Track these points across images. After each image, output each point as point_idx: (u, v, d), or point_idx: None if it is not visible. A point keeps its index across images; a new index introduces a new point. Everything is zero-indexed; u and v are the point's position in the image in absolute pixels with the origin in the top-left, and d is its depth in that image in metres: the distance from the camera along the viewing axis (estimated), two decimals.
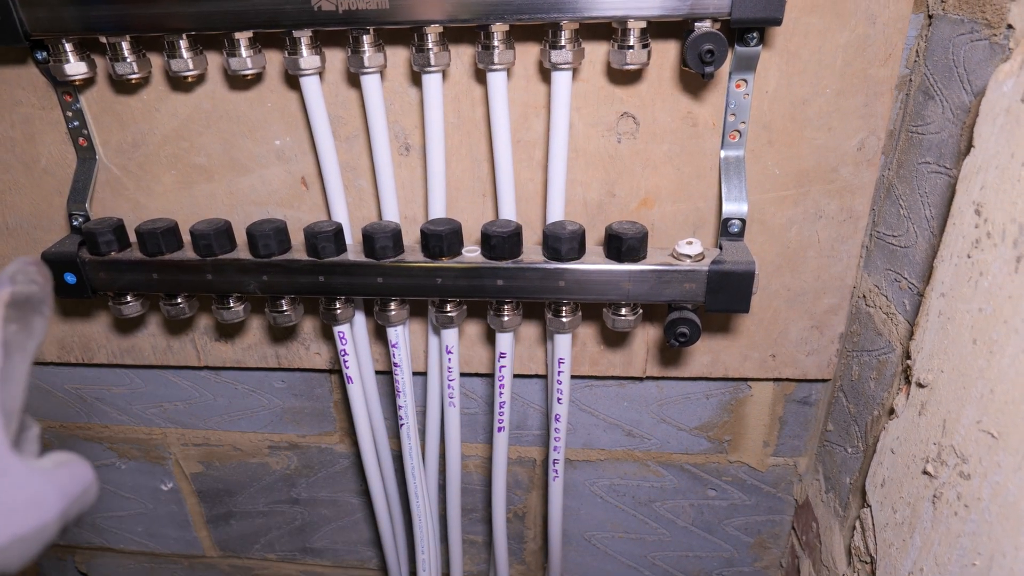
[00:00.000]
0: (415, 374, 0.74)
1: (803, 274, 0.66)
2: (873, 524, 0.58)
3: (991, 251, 0.43)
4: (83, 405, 0.89)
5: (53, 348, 0.81)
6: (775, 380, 0.74)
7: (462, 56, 0.59)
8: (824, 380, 0.73)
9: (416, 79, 0.60)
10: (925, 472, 0.50)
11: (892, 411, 0.55)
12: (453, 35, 0.57)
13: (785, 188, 0.62)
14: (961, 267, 0.46)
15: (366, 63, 0.55)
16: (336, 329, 0.66)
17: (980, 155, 0.44)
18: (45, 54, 0.61)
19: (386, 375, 0.78)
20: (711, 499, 0.83)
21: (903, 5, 0.54)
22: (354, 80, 0.60)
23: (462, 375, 0.76)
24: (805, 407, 0.75)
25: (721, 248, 0.59)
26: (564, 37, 0.53)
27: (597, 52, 0.57)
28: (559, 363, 0.65)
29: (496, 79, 0.55)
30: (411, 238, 0.65)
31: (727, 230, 0.60)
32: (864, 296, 0.65)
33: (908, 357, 0.52)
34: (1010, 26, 0.45)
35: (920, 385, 0.50)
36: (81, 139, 0.67)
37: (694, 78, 0.58)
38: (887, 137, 0.60)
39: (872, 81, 0.57)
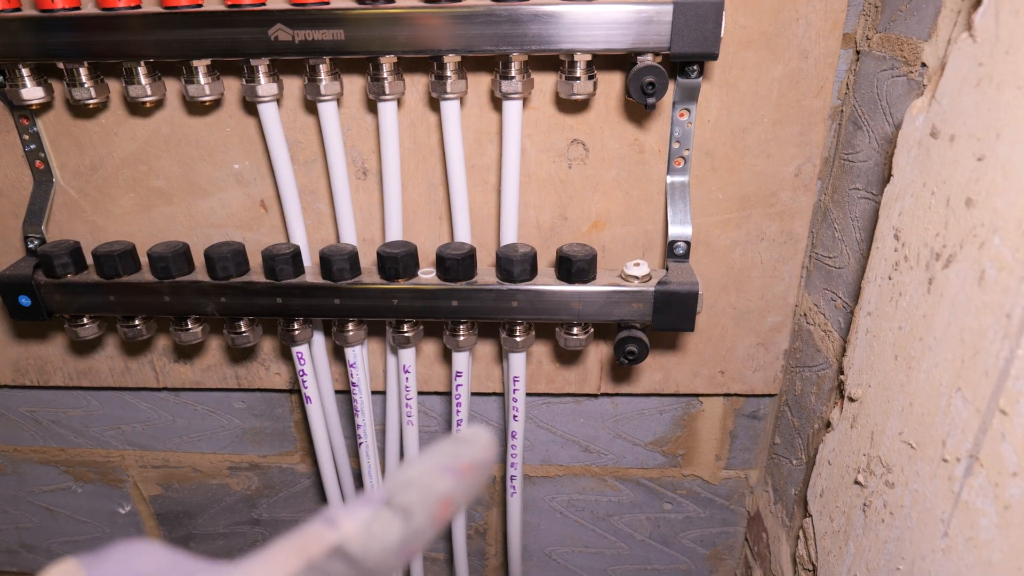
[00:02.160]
0: (374, 393, 0.75)
1: (748, 293, 0.69)
2: (814, 533, 0.60)
3: (908, 273, 0.46)
4: (38, 428, 0.88)
5: (7, 371, 0.80)
6: (724, 395, 0.76)
7: (417, 84, 0.61)
8: (771, 395, 0.76)
9: (372, 106, 0.62)
10: (856, 482, 0.52)
11: (829, 424, 0.58)
12: (408, 64, 0.59)
13: (728, 212, 0.64)
14: (884, 288, 0.49)
15: (322, 91, 0.57)
16: (294, 350, 0.67)
17: (898, 183, 0.47)
18: (1, 78, 0.61)
19: (345, 395, 0.79)
20: (667, 512, 0.85)
21: (832, 42, 0.57)
22: (311, 107, 0.62)
23: (420, 394, 0.77)
24: (754, 421, 0.78)
25: (667, 269, 0.61)
26: (514, 68, 0.55)
27: (547, 82, 0.60)
28: (514, 381, 0.67)
29: (449, 107, 0.57)
30: (368, 260, 0.66)
31: (673, 252, 0.62)
32: (805, 314, 0.68)
33: (842, 372, 0.55)
34: (924, 64, 0.49)
35: (851, 399, 0.53)
36: (38, 162, 0.67)
37: (639, 108, 0.61)
38: (822, 164, 0.63)
39: (806, 111, 0.60)
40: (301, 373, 0.68)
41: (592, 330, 0.64)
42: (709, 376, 0.73)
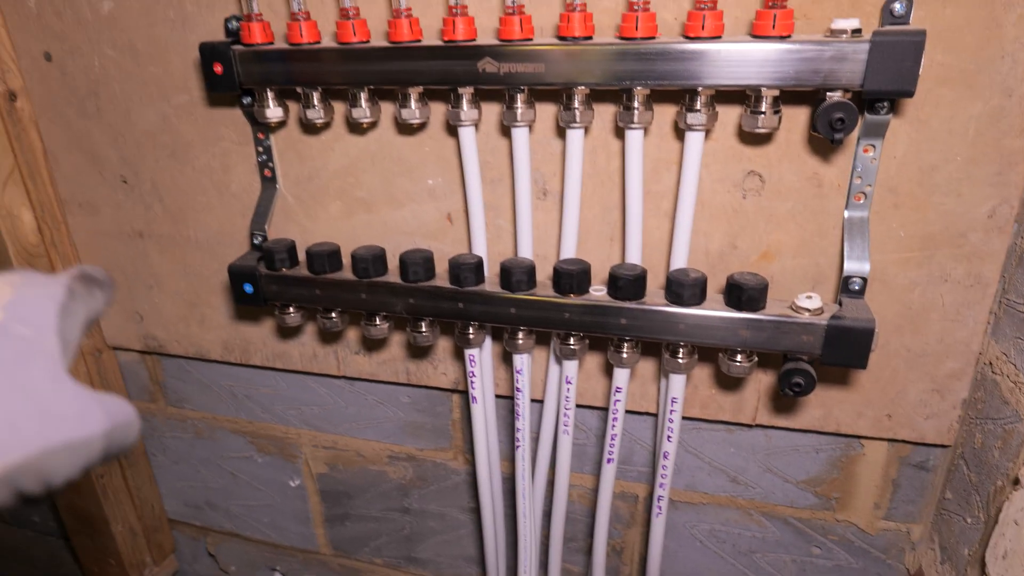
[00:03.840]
0: (532, 401, 0.80)
1: (925, 336, 0.66)
2: None
3: None
4: (233, 401, 1.01)
5: (218, 348, 0.93)
6: (890, 441, 0.73)
7: (602, 113, 0.65)
8: (943, 446, 0.72)
9: (560, 132, 0.67)
10: None
11: (1017, 481, 0.55)
12: (596, 94, 0.64)
13: (909, 250, 0.63)
14: None
15: (519, 118, 0.63)
16: (467, 352, 0.73)
17: None
18: (250, 99, 0.73)
19: (504, 400, 0.84)
20: (815, 557, 0.82)
21: None
22: (505, 131, 0.68)
23: (577, 407, 0.81)
24: (922, 472, 0.74)
25: (841, 304, 0.61)
26: (700, 102, 0.58)
27: (728, 114, 0.62)
28: (672, 402, 0.68)
29: (634, 136, 0.61)
30: (543, 274, 0.71)
31: (847, 287, 0.62)
32: (991, 363, 0.64)
33: None
34: None
35: None
36: (266, 170, 0.79)
37: (822, 141, 0.61)
38: (1020, 206, 0.60)
39: (1006, 151, 0.58)
40: (471, 374, 0.74)
41: (756, 358, 0.64)
42: (874, 418, 0.71)
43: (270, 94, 0.70)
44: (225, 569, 1.21)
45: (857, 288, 0.61)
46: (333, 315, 0.75)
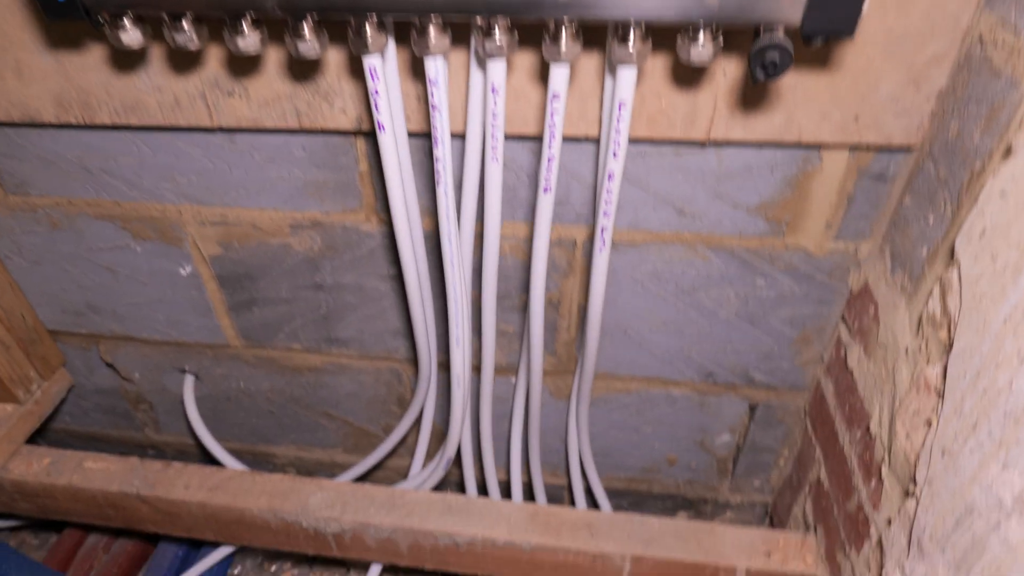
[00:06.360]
0: (452, 137, 0.67)
1: (910, 13, 0.56)
2: (960, 281, 0.53)
3: None
4: (89, 178, 0.83)
5: (49, 106, 0.74)
6: (852, 148, 0.66)
7: None
8: (907, 150, 0.65)
9: None
10: None
11: (1008, 151, 0.49)
12: None
13: None
14: None
15: None
16: (367, 62, 0.58)
17: None
18: None
19: (420, 139, 0.71)
20: (759, 289, 0.79)
21: None
22: None
23: (505, 138, 0.69)
24: (879, 184, 0.69)
25: None
26: None
27: None
28: (619, 108, 0.57)
29: None
30: None
31: None
32: (980, 37, 0.56)
33: None
34: None
35: None
36: None
37: None
38: None
39: None
40: (374, 92, 0.60)
41: (721, 42, 0.53)
42: (840, 122, 0.63)
43: None
44: (128, 377, 1.10)
45: None
46: (184, 24, 0.58)
